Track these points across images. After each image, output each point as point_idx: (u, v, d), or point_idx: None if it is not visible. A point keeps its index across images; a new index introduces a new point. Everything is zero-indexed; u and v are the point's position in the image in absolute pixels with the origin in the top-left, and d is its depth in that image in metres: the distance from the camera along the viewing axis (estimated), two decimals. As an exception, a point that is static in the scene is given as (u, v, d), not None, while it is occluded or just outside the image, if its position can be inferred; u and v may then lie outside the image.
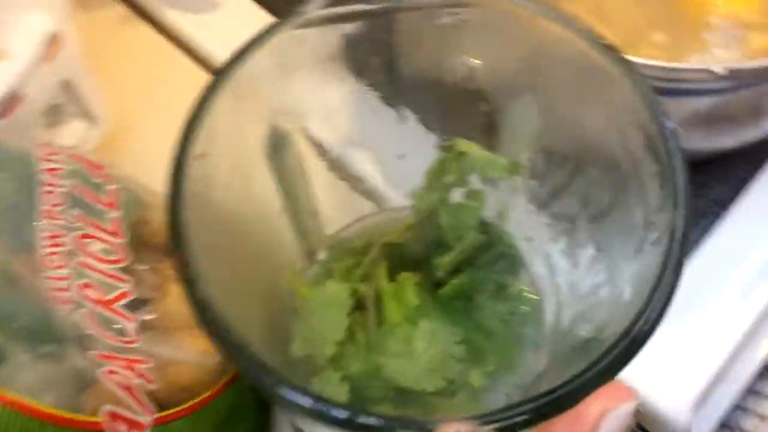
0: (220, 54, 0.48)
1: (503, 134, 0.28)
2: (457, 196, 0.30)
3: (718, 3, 0.35)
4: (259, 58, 0.25)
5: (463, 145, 0.28)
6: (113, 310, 0.33)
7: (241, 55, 0.25)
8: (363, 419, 0.17)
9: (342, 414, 0.18)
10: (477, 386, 0.27)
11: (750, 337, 0.40)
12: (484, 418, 0.17)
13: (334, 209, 0.32)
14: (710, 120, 0.36)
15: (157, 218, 0.36)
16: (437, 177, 0.29)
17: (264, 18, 0.49)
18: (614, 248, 0.25)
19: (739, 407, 0.42)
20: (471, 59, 0.28)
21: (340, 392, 0.26)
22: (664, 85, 0.33)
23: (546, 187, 0.28)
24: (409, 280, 0.29)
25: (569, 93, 0.26)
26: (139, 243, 0.35)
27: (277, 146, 0.28)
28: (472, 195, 0.29)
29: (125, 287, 0.33)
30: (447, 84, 0.28)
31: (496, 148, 0.29)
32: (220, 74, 0.24)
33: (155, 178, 0.38)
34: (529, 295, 0.30)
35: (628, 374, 0.19)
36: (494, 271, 0.30)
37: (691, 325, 0.38)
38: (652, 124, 0.22)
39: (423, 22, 0.27)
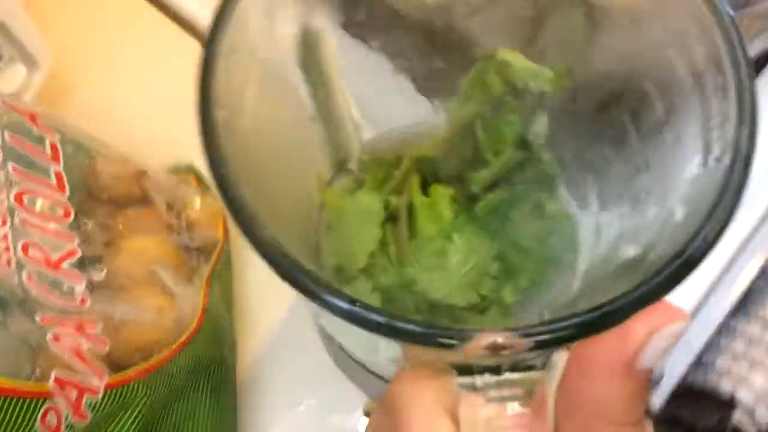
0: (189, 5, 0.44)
1: (544, 44, 0.27)
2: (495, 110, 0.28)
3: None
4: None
5: (506, 53, 0.26)
6: (59, 271, 0.30)
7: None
8: (401, 324, 0.16)
9: (380, 318, 0.16)
10: (509, 302, 0.26)
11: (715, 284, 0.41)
12: (524, 330, 0.16)
13: (367, 117, 0.30)
14: None
15: (107, 170, 0.33)
16: (475, 88, 0.27)
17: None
18: (666, 166, 0.24)
19: (711, 344, 0.44)
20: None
21: (371, 302, 0.24)
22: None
23: (591, 102, 0.26)
24: (443, 193, 0.27)
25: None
26: (87, 197, 0.33)
27: (309, 47, 0.26)
28: (512, 108, 0.28)
29: (72, 245, 0.31)
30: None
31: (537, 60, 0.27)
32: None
33: (106, 129, 0.36)
34: (567, 214, 0.29)
35: None
36: (531, 189, 0.28)
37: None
38: (717, 33, 0.21)
39: None
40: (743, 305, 0.44)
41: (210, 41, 0.20)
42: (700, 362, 0.42)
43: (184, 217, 0.34)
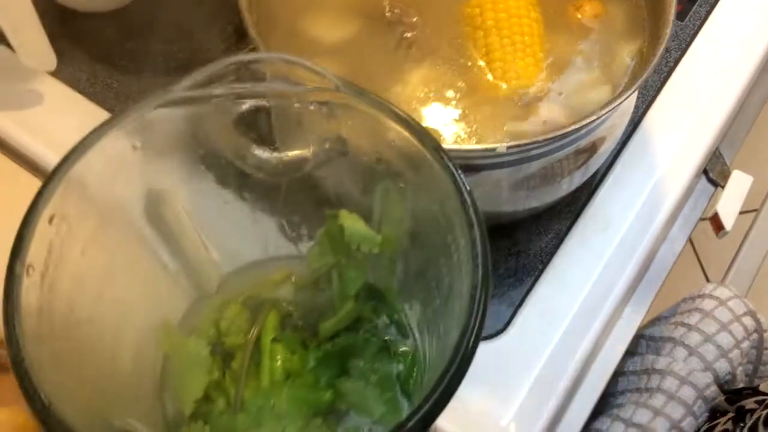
0: (43, 153, 0.47)
1: (377, 211, 0.30)
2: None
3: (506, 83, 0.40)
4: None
5: (345, 217, 0.29)
6: None
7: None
8: None
9: None
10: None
11: (577, 385, 0.44)
12: None
13: (225, 252, 0.32)
14: (512, 187, 0.40)
15: None
16: (325, 243, 0.31)
17: (94, 110, 0.49)
18: (451, 309, 0.27)
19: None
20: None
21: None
22: (468, 162, 0.36)
23: (416, 266, 0.30)
24: (292, 338, 0.30)
25: (413, 180, 0.27)
26: None
27: (154, 204, 0.28)
28: (358, 264, 0.31)
29: None
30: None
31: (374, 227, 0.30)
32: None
33: None
34: (413, 351, 0.31)
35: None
36: (387, 333, 0.31)
37: (519, 381, 0.41)
38: (459, 200, 0.24)
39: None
40: (605, 403, 0.46)
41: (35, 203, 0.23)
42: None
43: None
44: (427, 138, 0.24)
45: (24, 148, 0.48)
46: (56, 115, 0.49)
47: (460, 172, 0.24)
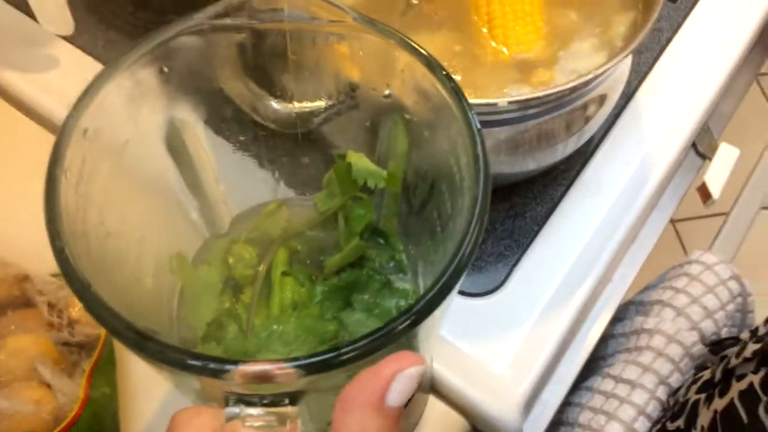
0: (61, 113, 0.49)
1: (381, 149, 0.32)
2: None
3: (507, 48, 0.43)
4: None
5: (352, 155, 0.31)
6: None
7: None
8: (179, 356, 0.20)
9: (174, 354, 0.20)
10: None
11: (569, 340, 0.46)
12: (284, 362, 0.19)
13: (236, 194, 0.34)
14: (510, 147, 0.42)
15: None
16: (333, 184, 0.32)
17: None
18: (449, 240, 0.29)
19: (570, 403, 0.47)
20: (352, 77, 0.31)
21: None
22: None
23: (417, 200, 0.32)
24: (301, 271, 0.32)
25: (424, 117, 0.29)
26: None
27: (175, 134, 0.30)
28: (364, 204, 0.33)
29: None
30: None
31: (379, 163, 0.32)
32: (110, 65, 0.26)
33: None
34: (413, 288, 0.33)
35: (459, 380, 0.21)
36: (386, 271, 0.33)
37: (514, 333, 0.43)
38: (474, 149, 0.25)
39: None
40: (595, 365, 0.48)
41: (70, 116, 0.24)
42: (561, 421, 0.46)
43: (66, 315, 0.37)
44: (433, 62, 0.26)
45: (42, 108, 0.50)
46: (73, 78, 0.51)
47: (463, 94, 0.26)
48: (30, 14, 0.51)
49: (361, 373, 0.22)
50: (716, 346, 0.44)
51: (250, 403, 0.20)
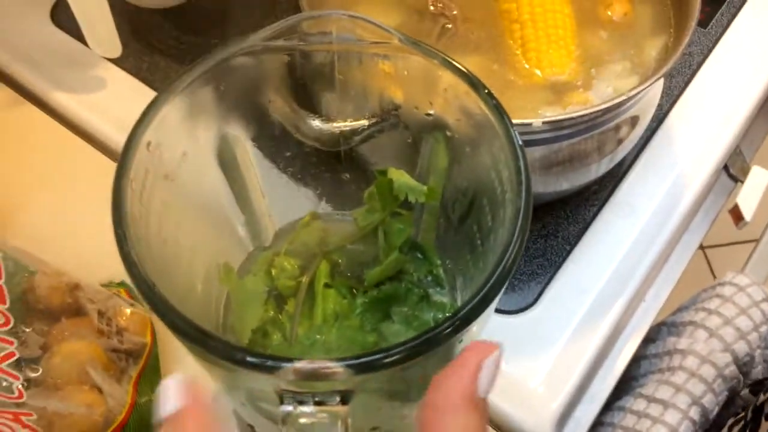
0: (110, 132, 0.51)
1: (422, 166, 0.33)
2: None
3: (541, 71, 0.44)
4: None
5: (393, 172, 0.33)
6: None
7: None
8: (237, 353, 0.20)
9: (230, 351, 0.21)
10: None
11: (601, 359, 0.46)
12: (335, 361, 0.20)
13: (279, 208, 0.35)
14: (543, 167, 0.43)
15: (44, 283, 0.38)
16: (373, 200, 0.34)
17: (153, 95, 0.53)
18: (489, 254, 0.30)
19: (603, 423, 0.48)
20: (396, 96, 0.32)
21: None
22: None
23: (456, 214, 0.33)
24: (342, 284, 0.33)
25: (465, 134, 0.30)
26: (26, 308, 0.37)
27: (227, 147, 0.32)
28: (404, 219, 0.34)
29: (10, 349, 0.36)
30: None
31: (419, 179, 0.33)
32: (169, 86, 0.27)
33: (44, 249, 0.41)
34: (450, 301, 0.34)
35: (493, 395, 0.22)
36: (424, 284, 0.34)
37: (547, 350, 0.44)
38: (516, 162, 0.26)
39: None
40: (628, 386, 0.48)
41: (134, 130, 0.26)
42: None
43: (115, 323, 0.39)
44: (476, 82, 0.27)
45: (90, 127, 0.52)
46: (119, 99, 0.53)
47: (505, 111, 0.27)
48: (80, 38, 0.53)
49: (443, 373, 0.22)
50: (756, 386, 0.44)
51: (302, 402, 0.21)
